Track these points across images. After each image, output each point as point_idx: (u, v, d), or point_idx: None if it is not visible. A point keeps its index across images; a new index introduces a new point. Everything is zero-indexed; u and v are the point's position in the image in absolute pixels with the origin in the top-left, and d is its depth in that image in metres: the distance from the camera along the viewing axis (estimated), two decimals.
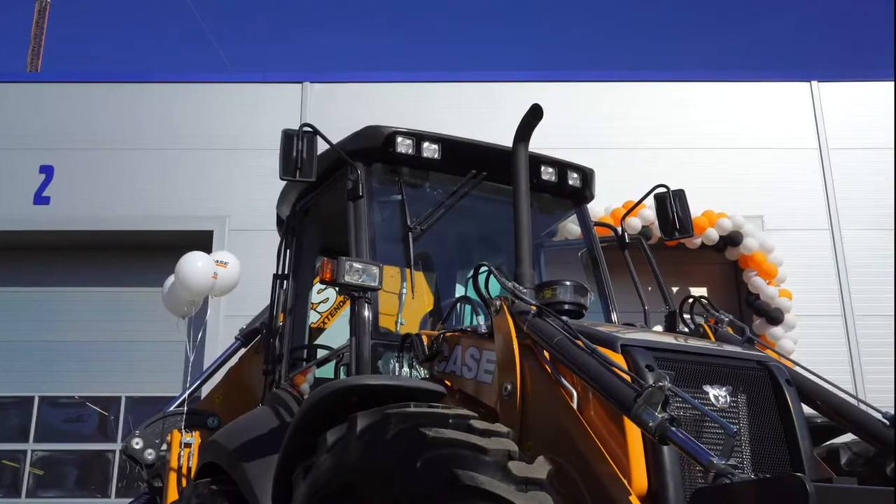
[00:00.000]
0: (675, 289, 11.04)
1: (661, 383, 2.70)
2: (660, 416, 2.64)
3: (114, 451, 10.96)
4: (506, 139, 4.50)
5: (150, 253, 11.19)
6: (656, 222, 5.34)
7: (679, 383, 3.09)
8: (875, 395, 10.15)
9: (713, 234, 10.36)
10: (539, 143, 10.48)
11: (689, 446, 2.54)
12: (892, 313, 10.07)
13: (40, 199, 11.08)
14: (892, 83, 11.50)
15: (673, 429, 2.61)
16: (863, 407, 3.49)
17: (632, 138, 11.19)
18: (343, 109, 11.47)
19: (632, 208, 5.65)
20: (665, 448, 2.84)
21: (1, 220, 10.88)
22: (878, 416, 3.38)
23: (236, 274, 7.62)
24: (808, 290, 10.34)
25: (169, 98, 11.57)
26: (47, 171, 11.15)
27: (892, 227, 10.84)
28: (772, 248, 10.31)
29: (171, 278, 7.37)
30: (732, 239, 10.37)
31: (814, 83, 11.52)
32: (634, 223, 9.77)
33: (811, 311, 10.24)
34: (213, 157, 11.23)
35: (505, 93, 11.63)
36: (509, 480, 2.56)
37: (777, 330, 9.93)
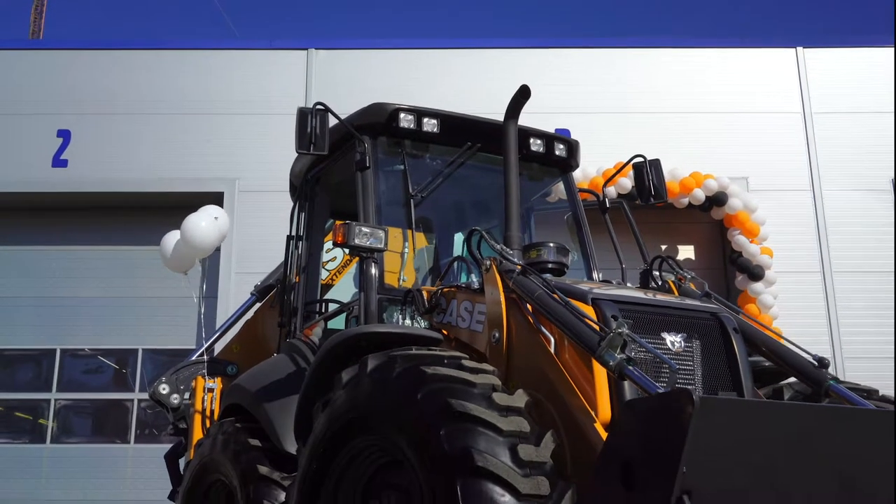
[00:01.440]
0: (663, 246, 11.60)
1: (620, 330, 3.26)
2: (619, 357, 3.20)
3: (132, 400, 11.56)
4: (506, 103, 4.98)
5: (164, 213, 11.69)
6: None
7: (640, 331, 3.65)
8: (850, 346, 10.80)
9: (700, 195, 10.83)
10: (534, 107, 11.09)
11: (642, 381, 3.10)
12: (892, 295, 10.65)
13: (58, 161, 11.55)
14: (877, 49, 11.95)
15: (630, 367, 3.18)
16: (799, 352, 4.05)
17: (623, 103, 11.63)
18: (346, 75, 11.93)
19: (612, 177, 6.18)
20: (625, 384, 3.40)
21: (21, 183, 11.36)
22: (810, 359, 3.96)
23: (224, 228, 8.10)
24: (788, 247, 10.85)
25: (179, 64, 12.00)
26: (64, 135, 11.62)
27: (877, 188, 11.39)
28: (755, 208, 10.80)
29: (172, 236, 7.86)
30: (718, 199, 10.84)
31: (799, 49, 11.94)
32: (625, 183, 10.28)
33: (791, 267, 10.77)
34: (222, 121, 11.67)
35: (505, 59, 12.04)
36: (493, 408, 3.14)
37: (758, 286, 10.46)
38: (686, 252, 11.64)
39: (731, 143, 11.43)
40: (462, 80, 11.81)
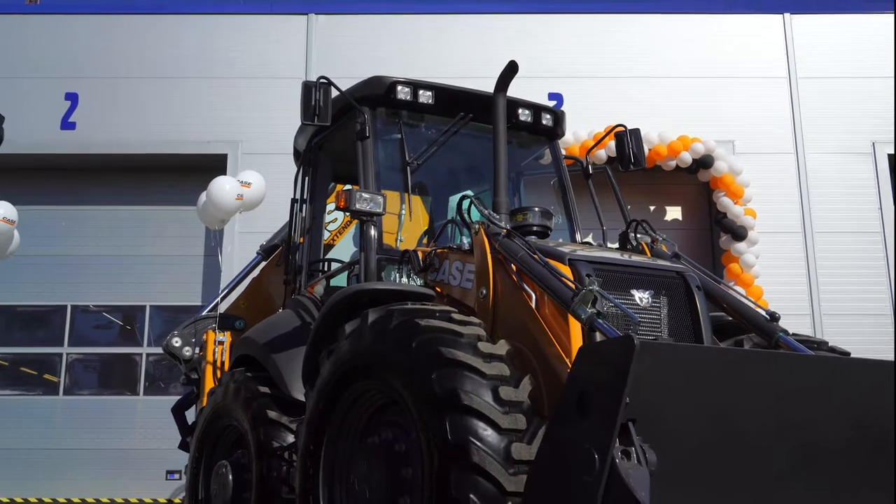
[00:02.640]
0: (652, 207, 12.03)
1: (591, 287, 3.69)
2: (590, 311, 3.63)
3: (140, 354, 12.03)
4: (500, 65, 5.28)
5: (169, 174, 12.12)
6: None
7: (611, 288, 4.08)
8: (828, 303, 11.26)
9: (687, 158, 11.20)
10: (530, 72, 11.52)
11: (609, 332, 3.53)
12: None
13: (67, 124, 11.91)
14: (861, 15, 12.27)
15: (599, 321, 3.60)
16: (754, 308, 4.49)
17: (614, 68, 11.94)
18: (345, 39, 12.25)
19: (595, 145, 6.52)
20: (596, 334, 3.84)
21: (32, 144, 11.71)
22: (763, 314, 4.40)
23: (261, 192, 8.56)
24: (771, 208, 11.25)
25: (183, 29, 12.30)
26: (72, 98, 11.97)
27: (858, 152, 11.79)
28: (740, 170, 11.19)
29: (204, 196, 8.30)
30: (704, 162, 11.21)
31: (786, 15, 12.25)
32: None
33: (773, 228, 11.18)
34: (226, 85, 12.00)
35: (502, 25, 12.35)
36: (478, 355, 3.59)
37: (741, 245, 10.89)
38: (674, 213, 12.06)
39: (719, 107, 11.78)
40: (460, 46, 12.12)
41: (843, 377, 3.15)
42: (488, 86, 5.15)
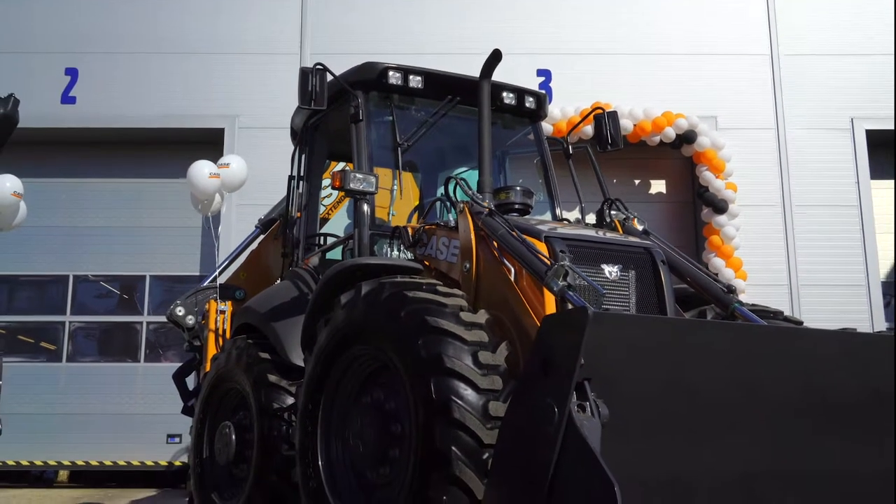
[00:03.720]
0: (637, 181, 12.40)
1: (562, 262, 4.09)
2: (561, 284, 4.01)
3: (140, 323, 12.41)
4: (491, 39, 5.43)
5: (168, 148, 12.41)
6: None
7: (583, 263, 4.48)
8: (805, 274, 11.68)
9: (671, 133, 11.53)
10: (519, 48, 11.73)
11: (578, 303, 3.93)
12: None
13: (67, 98, 12.19)
14: None
15: (570, 292, 3.99)
16: (713, 281, 4.90)
17: (600, 45, 12.22)
18: (339, 15, 12.51)
19: (574, 127, 6.90)
20: (567, 305, 4.23)
21: (33, 118, 11.90)
22: (722, 286, 4.81)
23: (241, 173, 8.89)
24: (752, 182, 11.60)
25: (183, 6, 12.53)
26: (72, 73, 12.24)
27: (838, 128, 12.17)
28: (722, 145, 11.54)
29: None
30: (688, 137, 11.54)
31: None
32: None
33: (753, 201, 11.56)
34: (223, 60, 12.27)
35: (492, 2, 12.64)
36: (460, 323, 3.99)
37: (722, 218, 11.27)
38: (658, 186, 12.43)
39: (702, 83, 12.09)
40: (454, 20, 12.38)
41: (789, 344, 3.56)
42: (480, 60, 5.46)
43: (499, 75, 5.44)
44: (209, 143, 11.95)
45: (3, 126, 5.85)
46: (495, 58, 5.32)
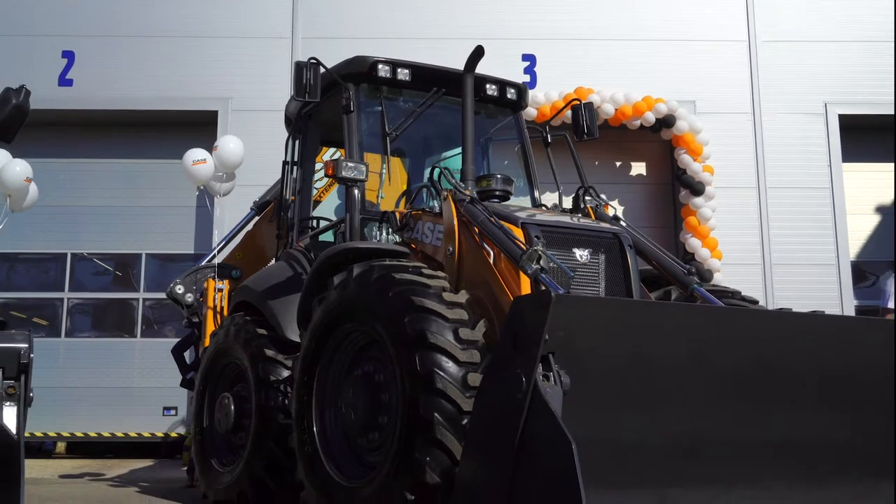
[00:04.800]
0: (618, 163, 12.80)
1: (536, 247, 4.50)
2: (535, 266, 4.43)
3: (137, 299, 12.78)
4: (480, 25, 5.55)
5: (163, 129, 12.74)
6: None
7: (556, 247, 4.90)
8: (779, 254, 12.13)
9: (650, 117, 11.90)
10: (503, 33, 12.05)
11: (550, 284, 4.33)
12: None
13: (64, 81, 12.47)
14: None
15: (542, 275, 4.41)
16: (675, 263, 5.33)
17: (584, 31, 12.57)
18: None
19: (553, 117, 7.25)
20: (540, 286, 4.63)
21: (31, 100, 12.26)
22: (682, 268, 5.24)
23: (235, 155, 9.21)
24: (728, 165, 11.99)
25: None
26: (69, 56, 12.52)
27: (810, 112, 12.59)
28: (699, 129, 11.91)
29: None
30: (667, 121, 11.90)
31: None
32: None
33: (730, 183, 11.97)
34: (217, 44, 12.56)
35: None
36: (442, 303, 4.40)
37: (699, 200, 11.68)
38: (638, 168, 12.83)
39: (682, 69, 12.45)
40: (441, 5, 12.70)
41: (734, 322, 3.99)
42: (466, 45, 5.79)
43: (485, 60, 5.72)
44: (203, 124, 12.29)
45: (16, 116, 6.16)
46: (478, 54, 5.68)
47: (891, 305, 6.90)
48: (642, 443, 3.56)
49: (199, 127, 12.33)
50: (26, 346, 3.59)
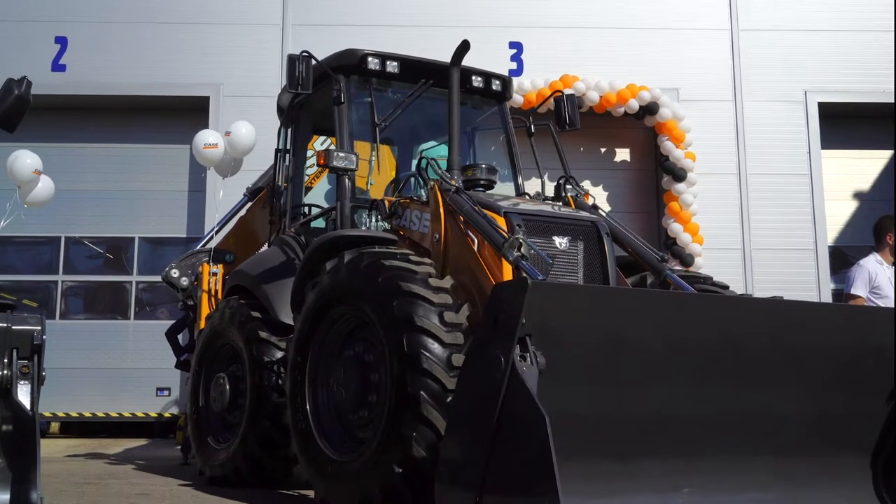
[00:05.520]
0: (603, 149, 13.07)
1: (517, 235, 4.77)
2: (516, 254, 4.69)
3: (130, 282, 13.03)
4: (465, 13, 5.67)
5: (155, 114, 12.97)
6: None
7: (537, 235, 5.16)
8: (758, 238, 12.44)
9: (634, 105, 12.16)
10: (491, 21, 12.27)
11: (530, 271, 4.59)
12: None
13: (57, 66, 12.64)
14: None
15: (523, 262, 4.68)
16: (649, 251, 5.61)
17: (568, 19, 12.79)
18: None
19: (537, 107, 7.49)
20: (521, 272, 4.90)
21: None
22: (656, 255, 5.52)
23: (246, 140, 9.43)
24: (710, 152, 12.30)
25: None
26: (62, 41, 12.70)
27: (792, 100, 12.88)
28: (682, 117, 12.18)
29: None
30: (650, 109, 12.17)
31: None
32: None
33: (711, 170, 12.26)
34: (209, 30, 12.74)
35: None
36: (428, 288, 4.67)
37: (681, 186, 11.96)
38: (622, 154, 13.10)
39: (666, 57, 12.70)
40: None
41: (701, 306, 4.27)
42: (456, 32, 5.99)
43: (474, 47, 5.89)
44: (196, 109, 12.51)
45: (19, 107, 6.36)
46: (464, 48, 5.91)
47: (853, 291, 7.20)
48: (611, 417, 3.85)
49: (192, 112, 12.57)
50: (39, 328, 3.82)
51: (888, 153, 13.20)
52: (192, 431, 7.12)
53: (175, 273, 8.37)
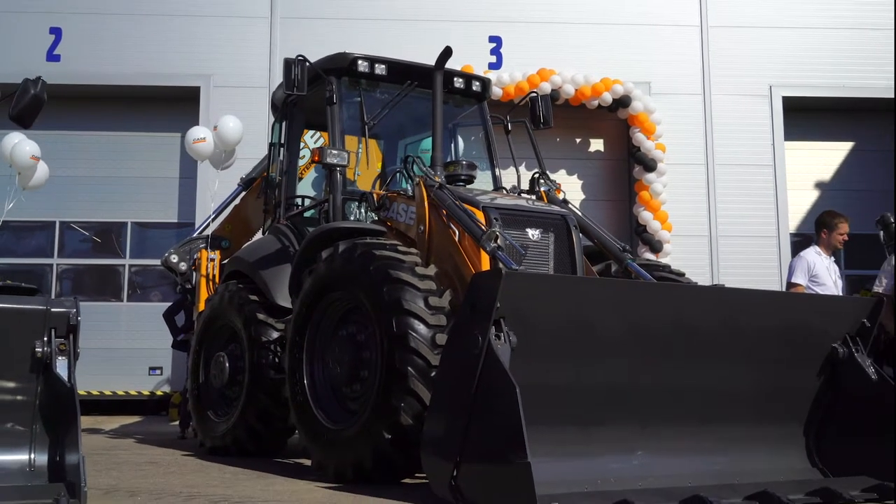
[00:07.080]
0: (577, 140, 13.65)
1: (493, 228, 5.34)
2: (493, 245, 5.25)
3: (123, 266, 13.51)
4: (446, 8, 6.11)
5: (147, 104, 13.41)
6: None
7: (512, 228, 5.71)
8: (724, 226, 13.08)
9: (608, 98, 12.74)
10: (471, 16, 12.79)
11: (505, 261, 5.16)
12: None
13: (52, 56, 13.05)
14: None
15: (499, 252, 5.24)
16: (613, 241, 6.20)
17: (546, 14, 13.28)
18: None
19: (512, 108, 7.97)
20: (497, 262, 5.46)
21: (18, 75, 12.47)
22: (619, 246, 6.12)
23: (233, 134, 9.90)
24: (679, 143, 12.90)
25: None
26: (56, 32, 13.09)
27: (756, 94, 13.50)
28: (653, 110, 12.76)
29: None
30: (623, 102, 12.73)
31: None
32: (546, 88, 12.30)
33: (680, 160, 12.87)
34: (199, 23, 13.16)
35: None
36: (415, 275, 5.22)
37: (651, 175, 12.56)
38: (597, 145, 13.68)
39: (638, 52, 13.27)
40: None
41: (655, 293, 4.87)
42: (438, 26, 6.46)
43: (456, 41, 6.40)
44: (186, 100, 12.97)
45: (34, 106, 6.88)
46: (446, 54, 6.43)
47: (793, 280, 7.83)
48: (575, 389, 4.44)
49: (183, 102, 13.03)
50: (74, 310, 4.36)
51: (848, 144, 13.89)
52: (192, 406, 7.66)
53: (174, 258, 8.89)
